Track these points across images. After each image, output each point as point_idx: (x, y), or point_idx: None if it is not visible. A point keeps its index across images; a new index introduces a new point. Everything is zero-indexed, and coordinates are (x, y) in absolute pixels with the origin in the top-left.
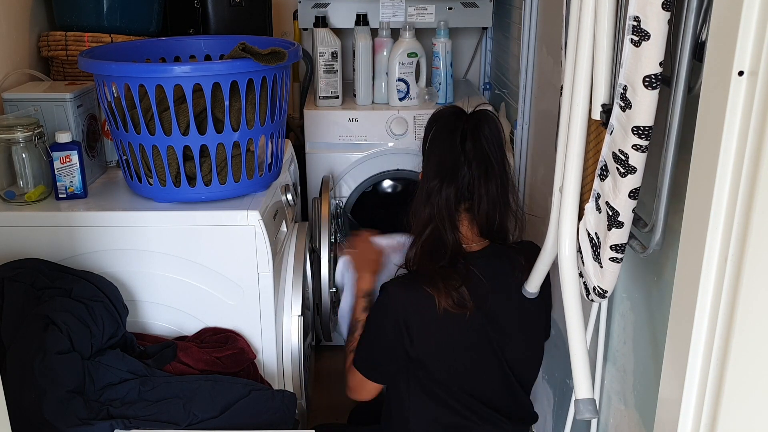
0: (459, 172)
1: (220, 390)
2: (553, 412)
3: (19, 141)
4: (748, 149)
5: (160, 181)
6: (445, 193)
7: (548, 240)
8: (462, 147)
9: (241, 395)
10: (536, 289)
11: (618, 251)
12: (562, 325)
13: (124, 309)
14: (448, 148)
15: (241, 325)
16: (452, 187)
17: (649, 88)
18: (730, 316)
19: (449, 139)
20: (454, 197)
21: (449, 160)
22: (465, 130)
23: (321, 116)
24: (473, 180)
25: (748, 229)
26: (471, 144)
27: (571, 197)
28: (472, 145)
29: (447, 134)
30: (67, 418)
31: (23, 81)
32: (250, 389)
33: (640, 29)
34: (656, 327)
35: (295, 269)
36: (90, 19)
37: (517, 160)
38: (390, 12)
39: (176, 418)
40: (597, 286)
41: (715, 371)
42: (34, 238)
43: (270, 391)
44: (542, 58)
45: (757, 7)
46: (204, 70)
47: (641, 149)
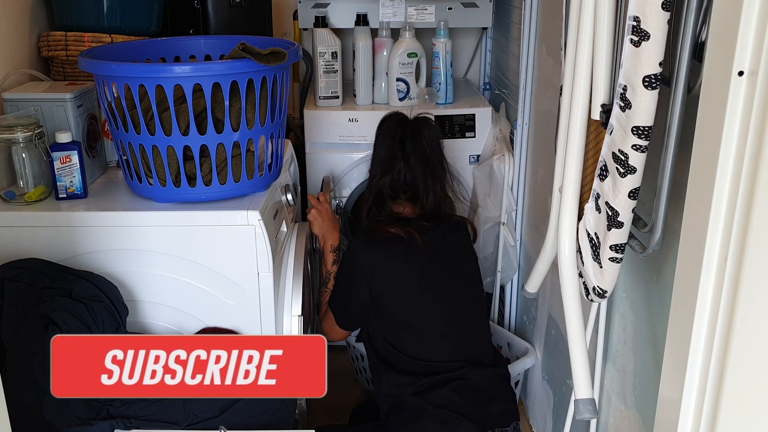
0: (395, 166)
1: None
2: (553, 412)
3: (19, 141)
4: (748, 149)
5: (160, 181)
6: (383, 181)
7: (548, 240)
8: (401, 147)
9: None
10: (535, 289)
11: (618, 251)
12: (562, 326)
13: (124, 309)
14: (389, 146)
15: (241, 325)
16: (387, 177)
17: (649, 89)
18: (730, 316)
19: (390, 139)
20: (389, 185)
21: (387, 155)
22: (405, 134)
23: (321, 116)
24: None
25: (748, 229)
26: (411, 145)
27: (570, 197)
28: (411, 146)
29: (389, 134)
30: (67, 418)
31: (23, 81)
32: None
33: (639, 29)
34: (656, 327)
35: (295, 269)
36: (90, 19)
37: (517, 160)
38: (390, 12)
39: (176, 418)
40: (597, 286)
41: (715, 371)
42: (34, 238)
43: None
44: (542, 58)
45: (757, 7)
46: (204, 70)
47: (641, 149)
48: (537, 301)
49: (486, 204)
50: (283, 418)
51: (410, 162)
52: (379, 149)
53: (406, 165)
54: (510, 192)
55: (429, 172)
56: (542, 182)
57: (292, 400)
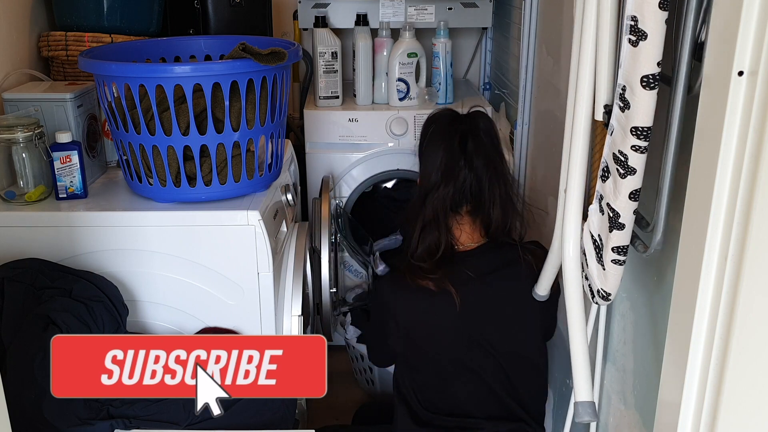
0: (459, 174)
1: None
2: (552, 412)
3: (19, 141)
4: (748, 149)
5: (160, 181)
6: (443, 193)
7: (554, 242)
8: (462, 149)
9: None
10: (546, 292)
11: (620, 253)
12: (562, 326)
13: (124, 309)
14: (447, 149)
15: (241, 325)
16: (450, 188)
17: (647, 89)
18: (730, 316)
19: (447, 141)
20: (451, 199)
21: (448, 162)
22: (464, 132)
23: (321, 116)
24: (476, 182)
25: (748, 228)
26: (473, 145)
27: (575, 199)
28: (474, 146)
29: (445, 136)
30: (67, 418)
31: (23, 81)
32: None
33: (637, 29)
34: (656, 327)
35: (295, 269)
36: (90, 19)
37: (517, 160)
38: (390, 12)
39: (176, 417)
40: (600, 289)
41: (715, 371)
42: (34, 238)
43: None
44: (542, 58)
45: (757, 7)
46: (204, 70)
47: (640, 150)
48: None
49: None
50: (283, 418)
51: (474, 165)
52: (433, 156)
53: (469, 170)
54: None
55: (495, 175)
56: (542, 182)
57: (292, 400)
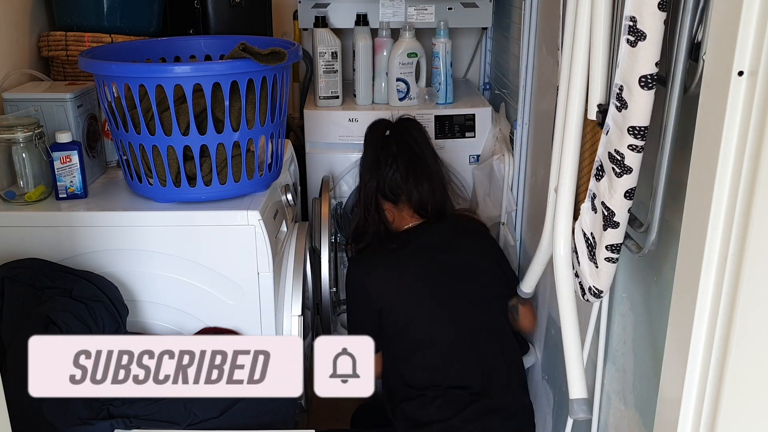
0: (384, 170)
1: None
2: (553, 412)
3: (19, 141)
4: (748, 149)
5: (160, 181)
6: (370, 185)
7: (543, 240)
8: (386, 149)
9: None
10: (531, 289)
11: (613, 251)
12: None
13: (124, 309)
14: (374, 150)
15: (241, 325)
16: (374, 181)
17: (645, 89)
18: (730, 316)
19: (374, 144)
20: (375, 188)
21: (373, 160)
22: (389, 136)
23: (321, 116)
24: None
25: (748, 228)
26: (396, 146)
27: (566, 197)
28: (397, 147)
29: (372, 140)
30: (68, 418)
31: (23, 81)
32: None
33: (636, 29)
34: (656, 327)
35: (295, 269)
36: (90, 19)
37: (517, 160)
38: (390, 12)
39: (177, 417)
40: (592, 286)
41: (715, 371)
42: (34, 238)
43: None
44: (542, 58)
45: (757, 7)
46: (204, 70)
47: (637, 149)
48: (536, 301)
49: (486, 204)
50: (284, 418)
51: (398, 162)
52: (365, 156)
53: (394, 165)
54: (510, 192)
55: (422, 169)
56: (542, 182)
57: (292, 401)
